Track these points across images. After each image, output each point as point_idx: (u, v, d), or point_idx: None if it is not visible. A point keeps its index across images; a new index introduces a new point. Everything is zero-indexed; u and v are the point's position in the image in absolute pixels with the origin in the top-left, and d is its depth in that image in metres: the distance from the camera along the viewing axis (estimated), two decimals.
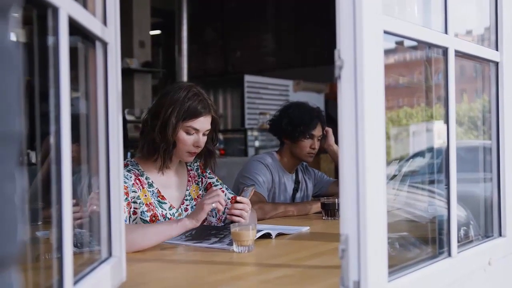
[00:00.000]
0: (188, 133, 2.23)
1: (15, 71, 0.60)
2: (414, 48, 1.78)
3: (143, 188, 2.23)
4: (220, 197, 2.06)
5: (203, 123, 2.26)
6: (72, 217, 1.06)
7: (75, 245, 1.20)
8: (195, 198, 2.40)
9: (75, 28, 1.14)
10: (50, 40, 1.04)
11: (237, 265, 1.79)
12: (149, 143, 2.24)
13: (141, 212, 2.19)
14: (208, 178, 2.49)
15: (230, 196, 2.44)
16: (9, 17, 0.60)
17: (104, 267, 1.33)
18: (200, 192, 2.44)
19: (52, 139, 1.04)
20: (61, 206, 1.03)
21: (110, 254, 1.40)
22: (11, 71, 0.59)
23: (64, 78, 1.04)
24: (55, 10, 1.02)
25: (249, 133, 7.71)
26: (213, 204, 2.03)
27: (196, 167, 2.48)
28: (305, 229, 2.40)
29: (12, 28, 0.61)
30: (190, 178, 2.43)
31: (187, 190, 2.39)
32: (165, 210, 2.26)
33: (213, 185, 2.46)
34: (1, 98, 0.58)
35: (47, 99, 1.05)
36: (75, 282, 1.12)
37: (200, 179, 2.46)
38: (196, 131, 2.24)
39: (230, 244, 1.94)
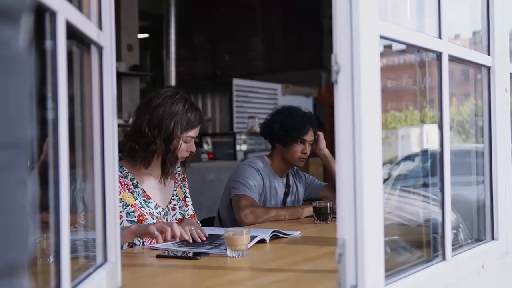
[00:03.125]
0: (185, 142, 2.34)
1: (27, 77, 0.60)
2: (402, 51, 1.79)
3: (124, 190, 2.28)
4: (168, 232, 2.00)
5: (198, 130, 2.39)
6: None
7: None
8: (182, 199, 2.50)
9: (71, 32, 1.14)
10: (48, 44, 1.04)
11: (231, 270, 1.78)
12: (151, 153, 2.30)
13: (127, 213, 2.24)
14: (187, 188, 2.58)
15: (191, 213, 2.50)
16: (20, 23, 0.59)
17: (100, 272, 1.32)
18: (183, 195, 2.54)
19: (49, 143, 1.04)
20: (59, 211, 1.02)
21: (105, 259, 1.39)
22: (23, 77, 0.58)
23: (62, 82, 1.03)
24: (53, 15, 1.01)
25: (238, 137, 7.70)
26: (156, 233, 1.97)
27: (178, 173, 2.56)
28: (297, 233, 2.40)
29: (24, 34, 0.60)
30: (176, 180, 2.52)
31: (174, 190, 2.48)
32: (152, 208, 2.32)
33: (187, 197, 2.56)
34: (14, 104, 0.57)
35: (44, 103, 1.04)
36: None
37: (183, 184, 2.56)
38: (192, 138, 2.36)
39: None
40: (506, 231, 1.89)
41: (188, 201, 2.57)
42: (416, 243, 1.78)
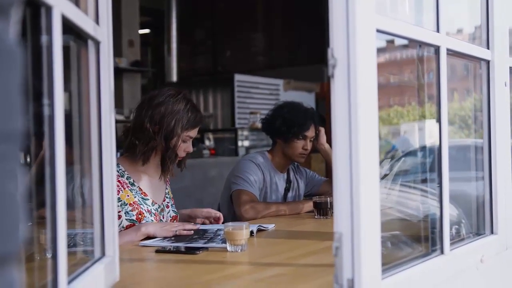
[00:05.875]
0: (184, 141, 2.36)
1: (17, 70, 0.60)
2: (405, 47, 1.79)
3: (124, 188, 2.30)
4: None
5: (196, 131, 2.42)
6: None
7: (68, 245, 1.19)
8: (172, 198, 2.55)
9: (68, 27, 1.14)
10: (43, 38, 1.04)
11: (230, 264, 1.79)
12: (150, 150, 2.33)
13: (125, 212, 2.27)
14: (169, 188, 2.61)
15: (173, 214, 2.51)
16: (10, 16, 0.60)
17: (98, 266, 1.32)
18: (171, 195, 2.57)
19: (45, 140, 1.04)
20: (55, 206, 1.03)
21: (103, 253, 1.39)
22: (13, 70, 0.59)
23: (58, 77, 1.03)
24: (49, 9, 1.01)
25: (239, 132, 7.70)
26: (176, 232, 2.19)
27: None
28: (271, 226, 2.43)
29: (13, 27, 0.61)
30: (167, 179, 2.55)
31: (166, 188, 2.52)
32: (149, 206, 2.36)
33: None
34: (5, 97, 0.58)
35: (39, 98, 1.05)
36: (69, 282, 1.12)
37: (169, 184, 2.60)
38: (190, 139, 2.39)
39: (224, 242, 1.95)
40: (506, 225, 1.89)
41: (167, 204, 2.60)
42: (415, 238, 1.78)
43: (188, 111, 2.34)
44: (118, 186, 2.26)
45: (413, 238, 1.76)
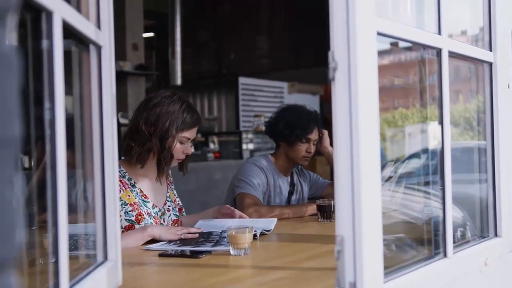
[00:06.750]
0: (181, 142, 2.37)
1: (14, 75, 0.60)
2: (408, 49, 1.79)
3: (125, 189, 2.32)
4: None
5: (195, 132, 2.41)
6: None
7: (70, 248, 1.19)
8: (173, 201, 2.54)
9: (69, 32, 1.14)
10: (44, 43, 1.04)
11: (233, 268, 1.79)
12: (146, 151, 2.33)
13: (125, 212, 2.27)
14: (175, 190, 2.61)
15: (174, 218, 2.51)
16: (7, 21, 0.60)
17: (100, 271, 1.32)
18: (176, 197, 2.57)
19: (47, 144, 1.04)
20: (57, 210, 1.03)
21: (105, 258, 1.40)
22: (10, 75, 0.59)
23: (59, 82, 1.04)
24: (49, 14, 1.02)
25: (244, 135, 7.70)
26: (182, 236, 2.18)
27: (170, 176, 2.61)
28: (273, 222, 2.44)
29: (10, 32, 0.61)
30: (168, 182, 2.55)
31: (167, 192, 2.51)
32: (149, 208, 2.36)
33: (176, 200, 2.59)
34: (2, 103, 0.58)
35: (41, 103, 1.05)
36: (71, 286, 1.12)
37: (173, 187, 2.59)
38: (187, 140, 2.38)
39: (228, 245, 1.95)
40: (509, 228, 1.88)
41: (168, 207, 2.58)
42: (419, 240, 1.77)
43: (184, 112, 2.34)
44: (119, 185, 2.27)
45: (417, 241, 1.76)
